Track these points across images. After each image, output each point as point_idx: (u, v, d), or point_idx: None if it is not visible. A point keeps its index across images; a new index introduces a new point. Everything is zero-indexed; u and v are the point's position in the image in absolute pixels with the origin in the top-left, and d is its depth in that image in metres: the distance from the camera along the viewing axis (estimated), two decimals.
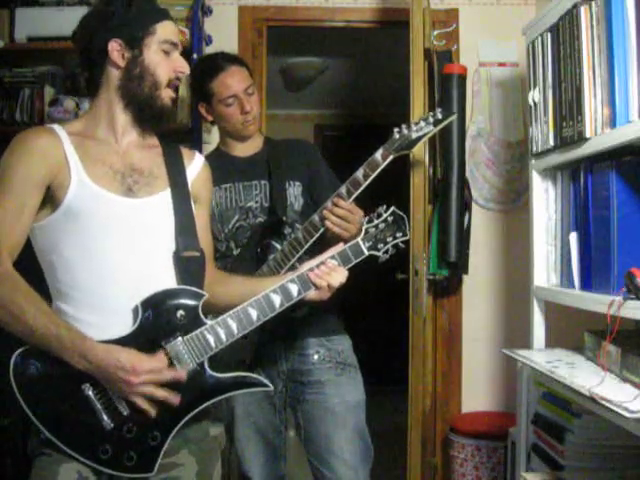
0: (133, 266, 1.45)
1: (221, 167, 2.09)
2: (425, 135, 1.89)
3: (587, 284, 1.81)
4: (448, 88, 2.77)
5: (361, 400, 2.11)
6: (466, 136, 2.94)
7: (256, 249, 2.05)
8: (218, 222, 2.10)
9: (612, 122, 1.64)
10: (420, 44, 2.51)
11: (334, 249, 1.62)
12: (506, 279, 3.13)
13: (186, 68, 1.55)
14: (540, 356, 1.93)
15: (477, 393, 3.14)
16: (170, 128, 2.72)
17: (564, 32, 1.83)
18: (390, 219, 1.68)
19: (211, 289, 1.55)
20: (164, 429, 1.43)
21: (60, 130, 1.48)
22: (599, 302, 1.64)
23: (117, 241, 1.45)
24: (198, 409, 1.46)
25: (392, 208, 1.69)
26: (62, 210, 1.43)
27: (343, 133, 5.66)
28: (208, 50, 2.90)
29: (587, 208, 1.81)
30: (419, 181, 2.50)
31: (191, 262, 1.52)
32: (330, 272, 1.57)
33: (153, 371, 1.38)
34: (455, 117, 2.05)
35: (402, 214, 1.70)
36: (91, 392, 1.39)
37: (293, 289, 1.55)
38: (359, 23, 3.23)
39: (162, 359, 1.41)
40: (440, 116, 1.89)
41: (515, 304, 3.04)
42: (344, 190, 1.90)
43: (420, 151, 2.51)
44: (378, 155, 1.88)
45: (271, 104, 3.60)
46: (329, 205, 1.90)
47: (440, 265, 2.83)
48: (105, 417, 1.40)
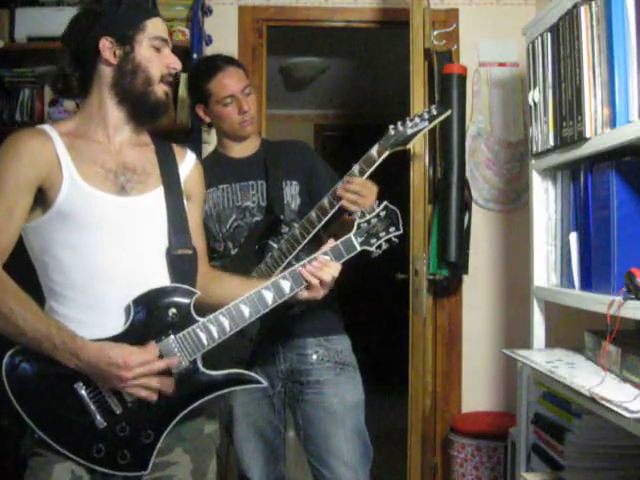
0: (126, 265, 1.46)
1: (218, 168, 2.10)
2: (420, 131, 1.90)
3: (587, 284, 1.81)
4: (448, 88, 2.78)
5: (360, 400, 2.11)
6: (466, 136, 2.94)
7: (254, 248, 2.05)
8: (216, 222, 2.10)
9: (612, 122, 1.63)
10: (420, 44, 2.51)
11: (326, 245, 1.61)
12: (506, 279, 3.13)
13: (178, 64, 1.55)
14: (540, 356, 1.93)
15: (477, 393, 3.13)
16: (170, 128, 2.73)
17: (564, 32, 1.83)
18: (383, 214, 1.65)
19: (206, 287, 1.55)
20: (157, 427, 1.43)
21: (51, 130, 1.48)
22: (599, 302, 1.63)
23: (110, 240, 1.45)
24: (191, 406, 1.45)
25: (385, 203, 1.66)
26: (54, 210, 1.43)
27: (343, 133, 5.66)
28: (208, 50, 2.90)
29: (587, 208, 1.80)
30: (419, 181, 2.50)
31: (184, 260, 1.52)
32: (322, 267, 1.56)
33: (144, 363, 1.38)
34: (450, 113, 2.05)
35: (395, 209, 1.67)
36: (84, 391, 1.40)
37: (285, 285, 1.54)
38: (359, 23, 3.23)
39: (152, 350, 1.40)
40: (435, 112, 1.90)
41: (515, 304, 3.04)
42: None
43: (420, 148, 2.51)
44: (374, 151, 1.90)
45: (271, 104, 3.59)
46: (339, 187, 1.89)
47: (440, 265, 2.84)
48: (98, 416, 1.40)
